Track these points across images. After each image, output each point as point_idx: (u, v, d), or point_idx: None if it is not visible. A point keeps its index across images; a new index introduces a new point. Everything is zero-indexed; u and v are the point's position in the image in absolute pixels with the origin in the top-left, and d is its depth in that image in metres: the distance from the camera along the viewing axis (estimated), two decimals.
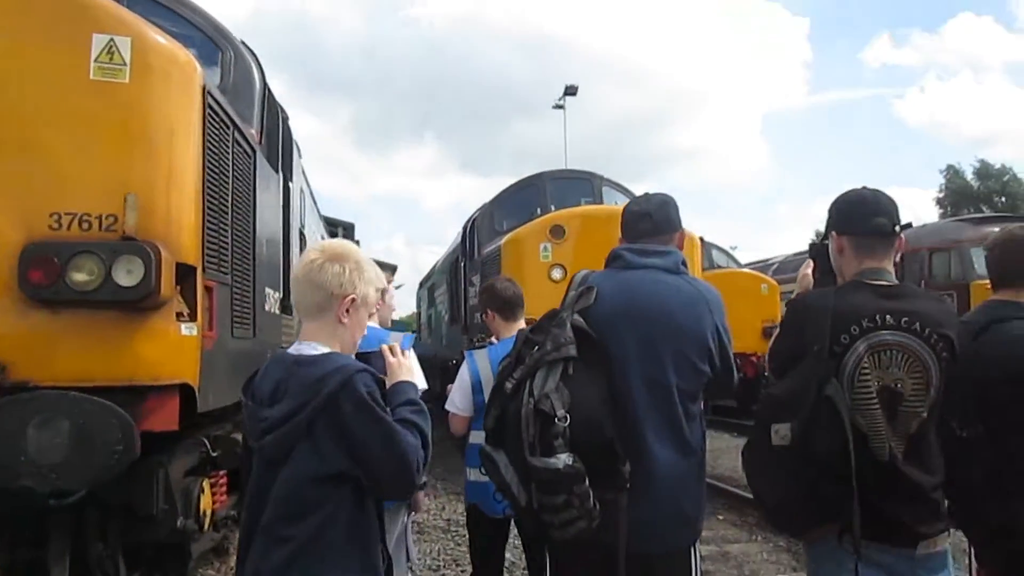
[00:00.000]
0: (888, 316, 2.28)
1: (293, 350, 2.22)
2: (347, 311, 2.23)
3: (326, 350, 2.18)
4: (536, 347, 2.42)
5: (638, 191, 11.12)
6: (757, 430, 2.34)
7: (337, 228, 17.88)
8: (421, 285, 22.41)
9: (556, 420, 2.24)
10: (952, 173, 48.87)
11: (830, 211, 2.55)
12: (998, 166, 47.74)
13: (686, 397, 2.56)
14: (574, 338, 2.40)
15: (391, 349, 2.42)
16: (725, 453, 11.79)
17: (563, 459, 2.22)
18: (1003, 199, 45.26)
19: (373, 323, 4.01)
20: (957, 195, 47.37)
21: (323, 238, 11.02)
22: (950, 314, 2.38)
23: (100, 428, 3.17)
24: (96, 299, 3.36)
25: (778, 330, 2.54)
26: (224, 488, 5.10)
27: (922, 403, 2.28)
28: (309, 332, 2.24)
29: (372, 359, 2.44)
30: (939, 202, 48.52)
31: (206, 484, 4.44)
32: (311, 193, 9.34)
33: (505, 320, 4.04)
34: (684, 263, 2.74)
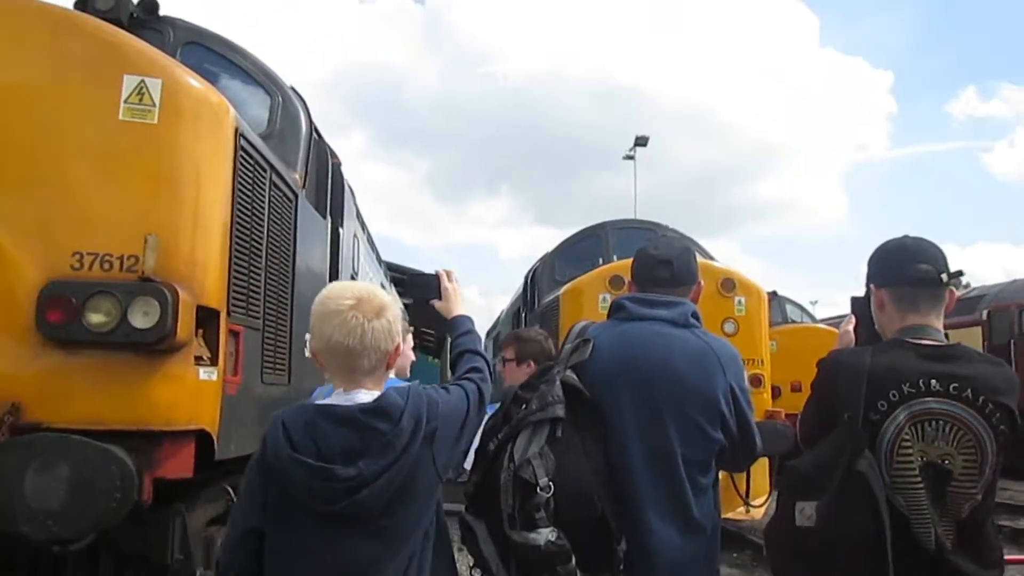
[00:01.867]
0: (934, 381, 1.97)
1: (342, 400, 2.03)
2: (396, 357, 2.16)
3: (376, 392, 2.06)
4: (524, 405, 2.18)
5: (713, 245, 10.83)
6: (781, 507, 2.05)
7: (405, 276, 18.01)
8: (487, 335, 22.32)
9: (538, 489, 2.00)
10: None
11: (869, 262, 2.26)
12: None
13: (693, 467, 2.27)
14: (563, 397, 2.16)
15: (448, 275, 2.49)
16: None
17: (545, 534, 1.98)
18: None
19: (389, 374, 3.85)
20: None
21: (383, 286, 11.00)
22: (1011, 380, 2.04)
23: (99, 474, 3.06)
24: (112, 341, 3.30)
25: (809, 393, 2.24)
26: None
27: (975, 483, 1.96)
28: (358, 384, 2.07)
29: None
30: None
31: None
32: (369, 238, 9.34)
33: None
34: (696, 315, 2.45)
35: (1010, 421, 1.99)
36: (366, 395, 2.03)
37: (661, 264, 2.51)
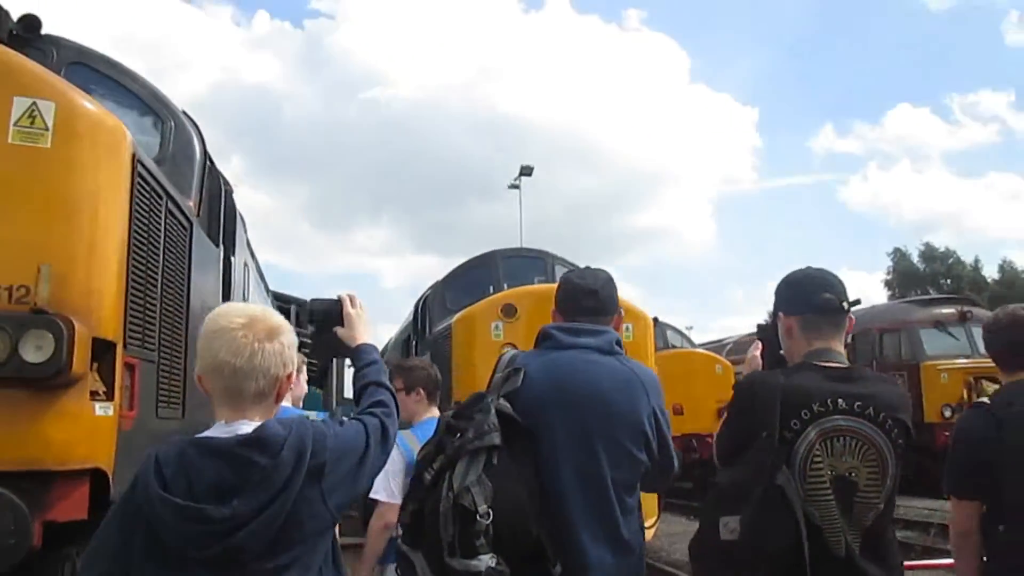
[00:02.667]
0: (840, 400, 2.15)
1: (222, 432, 1.83)
2: (288, 388, 1.97)
3: (259, 421, 1.86)
4: (458, 434, 2.22)
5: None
6: (704, 523, 2.16)
7: (290, 305, 17.62)
8: None
9: (478, 516, 2.04)
10: (899, 256, 50.22)
11: (776, 292, 2.44)
12: (942, 249, 49.23)
13: (622, 489, 2.37)
14: (499, 425, 2.21)
15: (351, 299, 2.30)
16: (681, 538, 11.47)
17: (485, 561, 2.03)
18: (948, 281, 46.50)
19: (285, 403, 3.81)
20: (904, 277, 48.56)
21: None
22: (904, 398, 2.25)
23: None
24: (1, 376, 3.11)
25: (725, 415, 2.38)
26: None
27: (878, 494, 2.14)
28: (242, 414, 1.88)
29: None
30: (887, 284, 49.76)
31: None
32: (257, 267, 9.13)
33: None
34: (619, 343, 2.56)
35: (906, 435, 2.19)
36: (248, 427, 1.83)
37: (587, 294, 2.60)
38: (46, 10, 5.09)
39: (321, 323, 2.35)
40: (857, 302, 2.35)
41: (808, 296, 2.31)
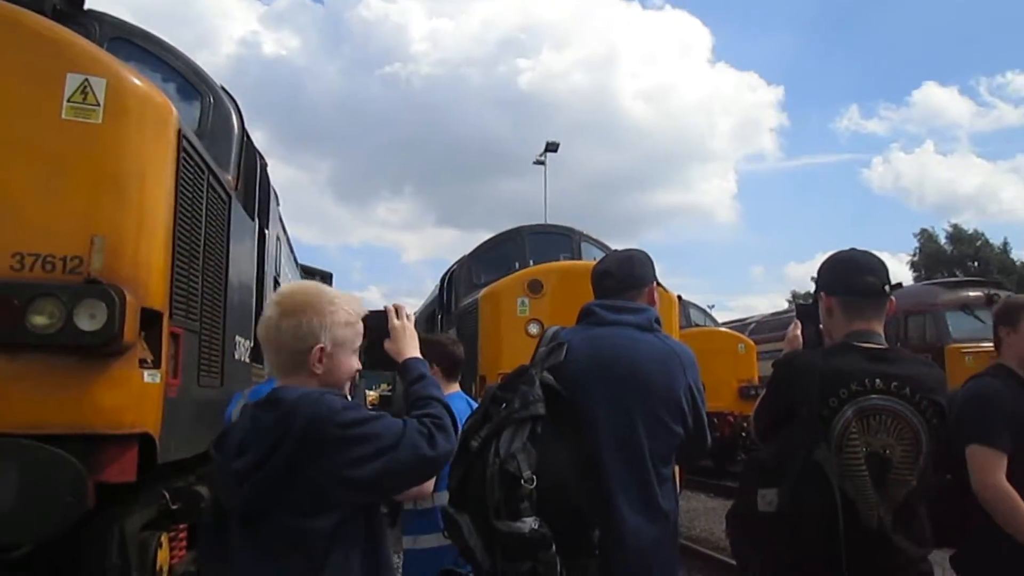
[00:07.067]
0: (877, 380, 2.21)
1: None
2: (320, 360, 2.06)
3: None
4: (504, 404, 2.31)
5: (616, 247, 11.15)
6: (743, 495, 2.25)
7: (315, 277, 17.85)
8: None
9: (522, 482, 2.14)
10: (926, 237, 49.71)
11: (819, 271, 2.50)
12: (971, 231, 48.67)
13: (658, 459, 2.44)
14: (543, 396, 2.30)
15: (397, 310, 2.31)
16: (701, 515, 11.58)
17: (529, 523, 2.12)
18: (976, 263, 45.98)
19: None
20: (931, 259, 48.08)
21: None
22: (940, 380, 2.31)
23: (50, 479, 3.01)
24: (56, 343, 3.23)
25: (764, 392, 2.45)
26: (184, 543, 4.90)
27: (911, 471, 2.20)
28: (280, 379, 2.12)
29: None
30: (913, 265, 49.27)
31: (164, 538, 4.25)
32: (288, 241, 9.26)
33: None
34: (658, 320, 2.64)
35: (940, 415, 2.24)
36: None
37: (603, 276, 2.73)
38: None
39: (373, 337, 2.27)
40: (899, 286, 2.41)
41: (851, 278, 2.37)
